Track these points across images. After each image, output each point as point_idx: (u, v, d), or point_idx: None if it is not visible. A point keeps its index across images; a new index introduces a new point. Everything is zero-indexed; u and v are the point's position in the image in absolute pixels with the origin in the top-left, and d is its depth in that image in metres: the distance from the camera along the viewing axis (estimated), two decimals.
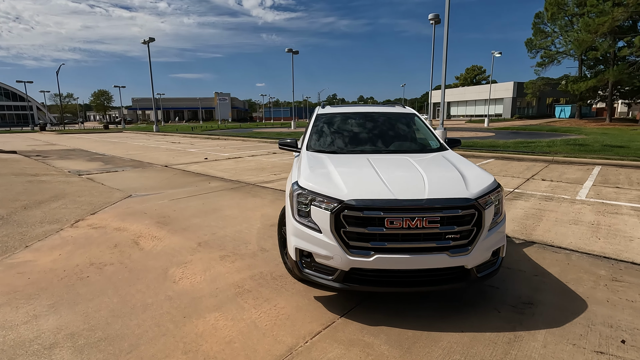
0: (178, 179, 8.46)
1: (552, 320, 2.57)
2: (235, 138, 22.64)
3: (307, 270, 2.64)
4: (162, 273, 3.38)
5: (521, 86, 49.88)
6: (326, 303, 2.83)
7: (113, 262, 3.62)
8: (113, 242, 4.21)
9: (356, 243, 2.42)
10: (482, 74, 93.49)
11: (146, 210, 5.59)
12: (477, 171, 2.82)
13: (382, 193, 2.43)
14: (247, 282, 3.18)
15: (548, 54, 39.51)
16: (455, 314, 2.66)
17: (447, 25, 14.43)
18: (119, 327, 2.51)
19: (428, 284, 2.48)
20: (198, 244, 4.13)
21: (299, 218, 2.65)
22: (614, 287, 3.05)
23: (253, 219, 5.10)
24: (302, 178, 2.72)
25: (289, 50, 35.11)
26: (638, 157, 10.62)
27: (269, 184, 7.72)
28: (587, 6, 31.97)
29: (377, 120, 4.12)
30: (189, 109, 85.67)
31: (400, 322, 2.56)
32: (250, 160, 11.90)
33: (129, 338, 2.40)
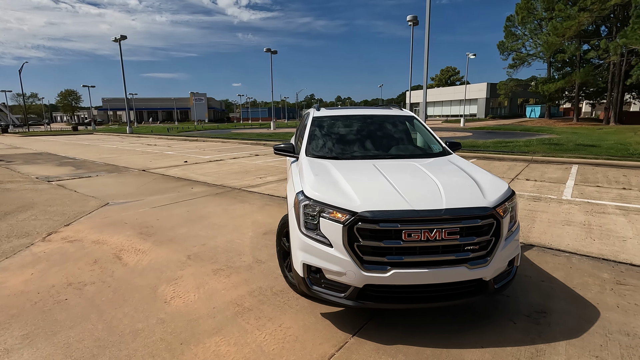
0: (158, 184, 8.03)
1: (569, 330, 2.50)
2: (214, 140, 22.04)
3: (315, 288, 2.44)
4: (150, 292, 3.09)
5: (494, 87, 51.51)
6: (335, 320, 2.64)
7: (94, 281, 3.29)
8: (92, 257, 3.86)
9: (371, 258, 2.25)
10: (456, 75, 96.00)
11: (126, 220, 5.21)
12: (489, 177, 2.72)
13: (398, 203, 2.27)
14: (246, 300, 2.95)
15: (519, 56, 40.93)
16: (471, 327, 2.54)
17: (427, 27, 14.57)
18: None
19: (446, 298, 2.34)
20: (187, 257, 3.84)
21: (306, 231, 2.45)
22: (620, 291, 3.03)
23: (244, 227, 4.84)
24: (308, 187, 2.53)
25: (268, 50, 34.68)
26: (611, 155, 11.06)
27: (256, 188, 7.44)
28: (555, 10, 33.32)
29: (376, 124, 3.98)
30: (163, 109, 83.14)
31: (417, 339, 2.41)
32: (232, 163, 11.54)
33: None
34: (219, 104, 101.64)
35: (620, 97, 34.19)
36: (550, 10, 34.93)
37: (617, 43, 22.91)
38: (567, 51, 34.44)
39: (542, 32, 37.77)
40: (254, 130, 33.95)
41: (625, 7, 29.77)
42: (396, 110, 4.24)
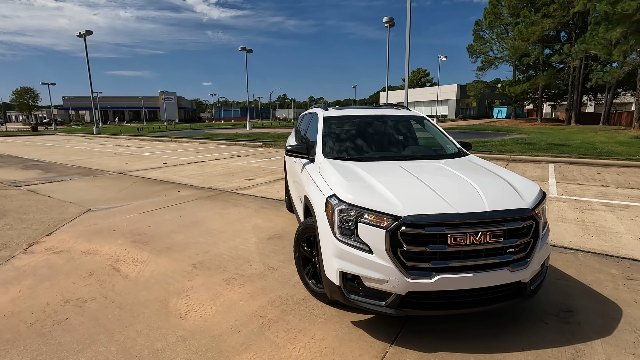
0: (140, 187, 7.59)
1: (600, 328, 2.53)
2: (189, 140, 21.30)
3: (353, 296, 2.33)
4: (161, 307, 2.85)
5: (464, 88, 53.39)
6: (368, 329, 2.54)
7: (94, 297, 2.99)
8: (85, 270, 3.53)
9: (415, 264, 2.16)
10: (426, 77, 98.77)
11: (115, 227, 4.85)
12: (519, 178, 2.71)
13: (441, 206, 2.20)
14: (268, 311, 2.78)
15: (487, 59, 42.63)
16: (505, 330, 2.52)
17: (409, 28, 14.77)
18: None
19: (487, 302, 2.29)
20: (192, 266, 3.60)
21: (341, 237, 2.33)
22: (632, 287, 3.13)
23: (244, 232, 4.63)
24: (341, 190, 2.40)
25: (243, 49, 34.04)
26: (582, 154, 11.68)
27: (246, 190, 7.20)
28: (520, 16, 34.97)
29: (390, 124, 3.91)
30: (130, 108, 79.63)
31: (456, 345, 2.35)
32: (215, 164, 11.15)
33: None
34: (190, 104, 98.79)
35: (579, 99, 36.42)
36: (516, 15, 36.63)
37: (578, 48, 24.33)
38: (532, 55, 36.26)
39: (508, 36, 39.57)
40: (230, 131, 33.20)
41: (583, 14, 31.71)
42: (404, 111, 4.20)
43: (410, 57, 16.41)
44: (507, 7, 37.65)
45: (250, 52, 34.79)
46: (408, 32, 14.94)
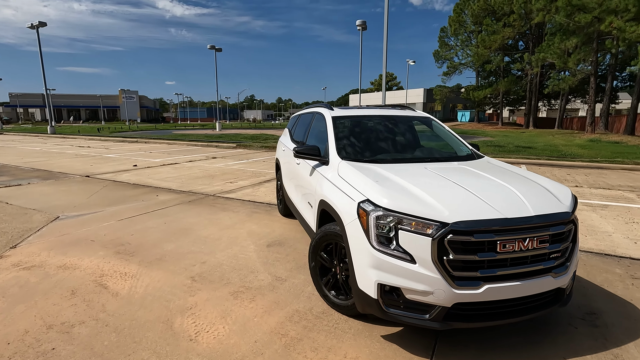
0: (112, 192, 6.99)
1: (628, 330, 2.52)
2: (157, 141, 20.25)
3: (392, 310, 2.14)
4: (166, 328, 2.51)
5: (430, 92, 55.18)
6: (402, 343, 2.37)
7: (83, 320, 2.60)
8: (66, 288, 3.09)
9: (462, 273, 2.02)
10: (393, 80, 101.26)
11: (92, 237, 4.36)
12: (548, 180, 2.65)
13: (487, 212, 2.07)
14: (289, 327, 2.53)
15: (452, 65, 44.30)
16: (542, 337, 2.45)
17: (386, 31, 14.91)
18: None
19: (530, 311, 2.20)
20: (192, 279, 3.27)
21: (379, 246, 2.14)
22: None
23: (241, 239, 4.33)
24: (377, 195, 2.21)
25: (212, 47, 33.05)
26: (550, 156, 12.31)
27: (231, 194, 6.83)
28: (483, 25, 36.70)
29: (400, 125, 3.78)
30: (86, 107, 74.88)
31: (495, 356, 2.24)
32: (190, 166, 10.59)
33: None
34: (152, 103, 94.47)
35: (536, 105, 38.80)
36: (479, 24, 38.41)
37: (537, 56, 25.90)
38: (493, 62, 38.15)
39: (471, 43, 41.37)
40: (198, 131, 32.03)
41: (539, 25, 33.80)
42: (410, 111, 4.10)
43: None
44: (471, 15, 39.39)
45: (219, 51, 33.84)
46: (385, 33, 15.09)
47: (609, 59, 25.74)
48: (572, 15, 19.82)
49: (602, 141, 18.37)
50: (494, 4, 34.21)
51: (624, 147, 15.47)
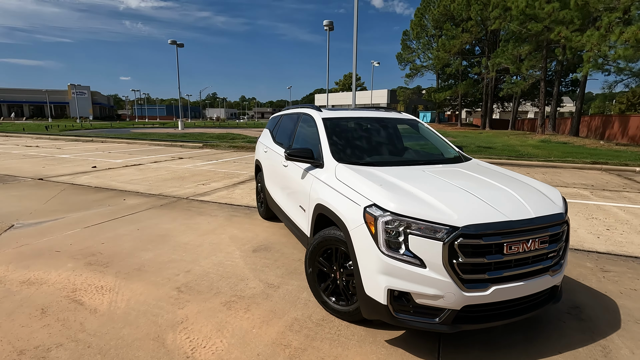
0: (72, 196, 6.45)
1: (610, 322, 2.70)
2: (116, 140, 19.07)
3: (402, 316, 2.13)
4: (158, 346, 2.32)
5: (394, 93, 56.69)
6: (406, 347, 2.36)
7: (60, 342, 2.34)
8: (34, 306, 2.78)
9: (471, 276, 2.04)
10: (358, 81, 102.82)
11: (57, 247, 3.98)
12: (539, 183, 2.76)
13: (493, 215, 2.11)
14: (290, 337, 2.44)
15: (415, 67, 45.83)
16: (536, 334, 2.55)
17: (355, 33, 15.04)
18: None
19: (530, 309, 2.28)
20: (178, 290, 3.07)
21: (388, 251, 2.11)
22: (611, 278, 3.44)
23: (224, 245, 4.14)
24: (384, 200, 2.18)
25: (173, 42, 31.66)
26: (509, 156, 13.06)
27: (206, 197, 6.55)
28: (443, 29, 38.29)
29: (389, 127, 3.79)
30: (30, 103, 68.85)
31: (498, 355, 2.30)
32: (156, 167, 10.05)
33: None
34: (106, 99, 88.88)
35: (492, 107, 41.13)
36: (439, 28, 40.03)
37: (493, 61, 27.45)
38: (453, 65, 39.93)
39: (432, 47, 43.03)
40: (159, 130, 30.58)
41: (494, 32, 35.85)
42: (395, 113, 4.13)
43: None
44: (432, 20, 40.98)
45: (181, 47, 32.51)
46: (355, 35, 15.22)
47: (554, 66, 27.87)
48: (525, 23, 21.20)
49: (552, 142, 19.82)
50: (453, 10, 35.80)
51: (571, 147, 16.78)
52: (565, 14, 17.92)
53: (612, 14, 14.98)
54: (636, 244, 4.38)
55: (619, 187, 8.16)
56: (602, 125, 23.83)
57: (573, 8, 17.36)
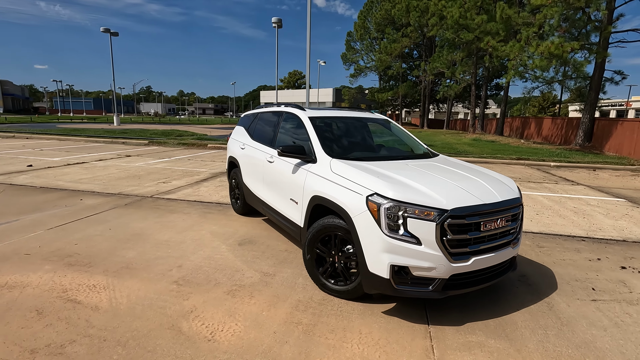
0: (16, 198, 5.90)
1: (549, 285, 3.36)
2: (42, 136, 17.23)
3: (401, 287, 2.50)
4: (176, 334, 2.43)
5: (339, 92, 58.16)
6: (401, 315, 2.75)
7: (73, 339, 2.33)
8: (27, 308, 2.67)
9: (457, 250, 2.48)
10: (302, 79, 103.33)
11: (23, 250, 3.74)
12: (497, 174, 3.31)
13: (473, 199, 2.57)
14: (299, 316, 2.69)
15: (359, 67, 47.49)
16: (497, 297, 3.10)
17: (309, 32, 15.34)
18: None
19: (497, 275, 2.80)
20: (176, 284, 3.13)
21: (389, 232, 2.47)
22: (546, 252, 4.20)
23: (207, 241, 4.21)
24: (385, 189, 2.53)
25: (106, 31, 29.23)
26: (449, 153, 14.39)
27: (171, 195, 6.42)
28: (385, 33, 40.23)
29: (369, 126, 4.16)
30: None
31: (475, 315, 2.78)
32: (104, 166, 9.43)
33: None
34: (20, 90, 78.50)
35: (429, 107, 44.25)
36: (381, 32, 41.97)
37: (431, 66, 29.65)
38: (394, 68, 42.17)
39: (375, 49, 44.97)
40: (92, 126, 28.05)
41: (431, 38, 38.58)
42: (368, 113, 4.51)
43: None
44: (374, 23, 42.82)
45: (116, 35, 30.09)
46: (308, 33, 15.53)
47: (481, 72, 30.94)
48: (458, 32, 23.29)
49: (482, 140, 22.08)
50: (394, 14, 37.78)
51: (499, 145, 18.91)
52: (492, 26, 20.05)
53: (529, 29, 17.16)
54: (559, 225, 5.31)
55: (540, 179, 9.55)
56: (522, 126, 27.08)
57: (498, 21, 19.51)
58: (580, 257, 4.07)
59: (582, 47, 15.56)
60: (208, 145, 15.28)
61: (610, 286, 3.37)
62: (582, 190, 8.07)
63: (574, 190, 8.04)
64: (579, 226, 5.26)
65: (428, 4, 28.88)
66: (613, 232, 5.04)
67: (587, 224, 5.36)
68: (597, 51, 15.40)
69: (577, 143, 17.31)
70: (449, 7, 23.12)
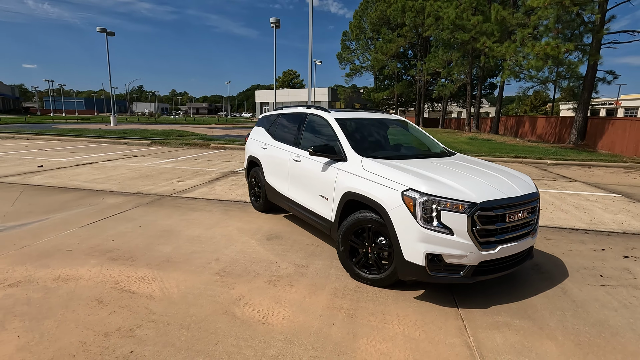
0: (39, 198, 6.05)
1: (561, 273, 3.64)
2: (42, 137, 17.22)
3: (435, 273, 2.76)
4: (231, 318, 2.66)
5: (334, 91, 58.41)
6: (431, 299, 3.01)
7: (139, 324, 2.54)
8: (87, 298, 2.87)
9: (485, 239, 2.74)
10: (296, 78, 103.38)
11: (64, 247, 3.92)
12: (513, 170, 3.59)
13: (496, 193, 2.84)
14: (340, 302, 2.94)
15: (355, 67, 47.79)
16: (515, 284, 3.37)
17: (311, 31, 15.54)
18: None
19: (518, 263, 3.07)
20: (218, 275, 3.36)
21: (425, 224, 2.72)
22: (554, 244, 4.50)
23: (236, 236, 4.43)
24: (420, 185, 2.78)
25: (102, 30, 29.14)
26: None
27: (188, 194, 6.61)
28: (380, 33, 40.56)
29: (390, 127, 4.41)
30: None
31: (497, 299, 3.05)
32: (114, 166, 9.56)
33: None
34: (10, 90, 77.32)
35: (423, 107, 44.72)
36: (377, 32, 42.30)
37: (428, 65, 30.07)
38: (390, 67, 42.54)
39: (370, 49, 45.30)
40: (89, 126, 27.93)
41: (426, 38, 39.02)
42: (386, 114, 4.76)
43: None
44: (369, 23, 43.14)
45: (112, 35, 29.98)
46: (310, 33, 15.74)
47: (476, 71, 31.46)
48: (454, 32, 23.70)
49: (478, 139, 22.52)
50: (389, 14, 38.18)
51: (495, 144, 19.33)
52: (487, 27, 20.49)
53: (524, 30, 17.60)
54: (563, 219, 5.62)
55: (539, 176, 9.91)
56: (516, 124, 27.61)
57: (493, 22, 19.94)
58: (585, 248, 4.37)
59: (576, 48, 16.02)
60: (211, 145, 15.42)
61: (616, 273, 3.67)
62: (580, 186, 8.43)
63: (572, 186, 8.40)
64: (581, 220, 5.58)
65: (424, 4, 29.29)
66: (613, 225, 5.36)
67: (589, 218, 5.69)
68: (591, 53, 15.87)
69: (571, 141, 17.79)
70: (445, 8, 23.52)
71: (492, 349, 2.40)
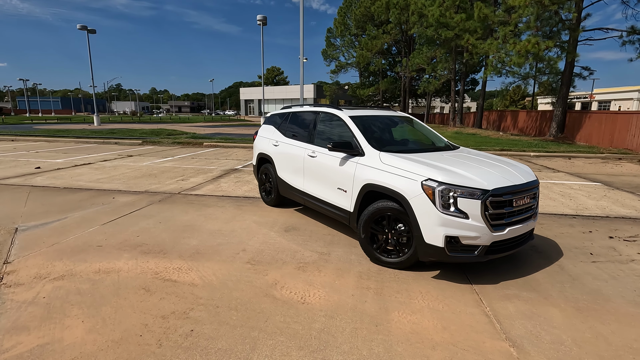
0: (49, 198, 6.12)
1: (557, 252, 4.06)
2: (27, 138, 16.84)
3: (452, 253, 3.10)
4: (272, 300, 2.93)
5: (320, 88, 58.57)
6: (447, 278, 3.35)
7: (191, 307, 2.78)
8: (134, 287, 3.09)
9: (496, 222, 3.10)
10: (280, 75, 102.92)
11: (93, 243, 4.09)
12: (513, 161, 3.97)
13: (504, 181, 3.20)
14: (366, 283, 3.25)
15: (340, 64, 48.06)
16: (517, 262, 3.76)
17: (302, 30, 15.72)
18: None
19: (524, 242, 3.46)
20: (249, 264, 3.61)
21: (443, 210, 3.06)
22: (546, 227, 4.94)
23: (255, 229, 4.68)
24: (438, 175, 3.11)
25: (83, 28, 28.38)
26: None
27: (196, 191, 6.79)
28: (365, 30, 40.94)
29: (398, 123, 4.73)
30: None
31: (501, 274, 3.43)
32: (113, 166, 9.59)
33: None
34: None
35: (408, 102, 45.48)
36: (361, 28, 42.65)
37: (413, 62, 30.66)
38: (376, 64, 43.02)
39: (355, 45, 45.64)
40: (72, 126, 27.30)
41: (410, 35, 39.62)
42: (392, 112, 5.08)
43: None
44: (354, 19, 43.41)
45: (93, 33, 29.27)
46: (301, 31, 15.92)
47: (458, 67, 32.29)
48: (438, 30, 24.30)
49: (463, 133, 23.24)
50: (374, 11, 38.55)
51: (480, 138, 20.03)
52: (470, 24, 21.11)
53: (506, 27, 18.28)
54: (551, 206, 6.10)
55: None
56: (499, 119, 28.56)
57: (476, 19, 20.56)
58: (575, 231, 4.83)
59: (555, 45, 16.77)
60: (204, 143, 15.46)
61: (604, 251, 4.12)
62: (564, 176, 9.01)
63: (557, 176, 8.96)
64: (568, 206, 6.07)
65: (408, 1, 29.77)
66: (597, 210, 5.87)
67: (575, 205, 6.18)
68: (569, 50, 16.65)
69: (551, 134, 18.64)
70: (429, 6, 24.05)
71: (506, 315, 2.76)
